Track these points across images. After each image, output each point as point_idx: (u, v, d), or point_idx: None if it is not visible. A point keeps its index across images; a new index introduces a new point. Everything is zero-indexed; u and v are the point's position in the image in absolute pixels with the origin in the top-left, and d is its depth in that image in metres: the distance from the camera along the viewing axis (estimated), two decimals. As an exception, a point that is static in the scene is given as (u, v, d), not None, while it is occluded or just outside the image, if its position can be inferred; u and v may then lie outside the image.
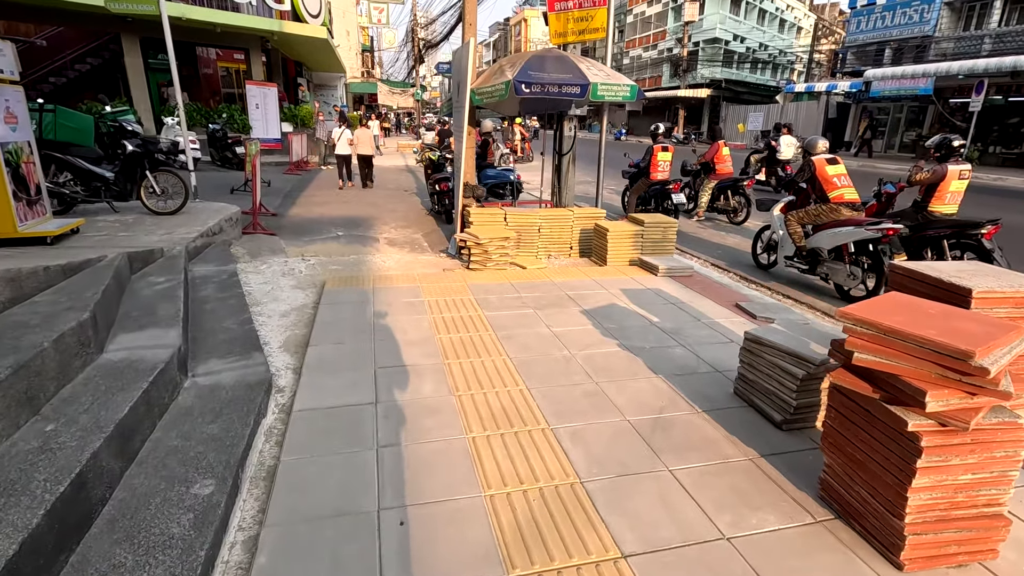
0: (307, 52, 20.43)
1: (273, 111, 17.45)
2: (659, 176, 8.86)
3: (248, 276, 5.33)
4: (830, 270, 5.59)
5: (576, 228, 6.76)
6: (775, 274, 6.54)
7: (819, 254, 5.64)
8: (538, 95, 5.91)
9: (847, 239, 5.34)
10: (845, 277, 5.40)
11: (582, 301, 4.80)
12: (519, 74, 5.89)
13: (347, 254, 6.69)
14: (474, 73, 6.38)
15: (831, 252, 5.58)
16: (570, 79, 5.93)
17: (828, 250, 5.57)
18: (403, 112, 53.67)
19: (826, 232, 5.53)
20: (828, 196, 5.57)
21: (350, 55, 30.84)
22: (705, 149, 11.04)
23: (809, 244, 5.75)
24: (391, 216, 9.63)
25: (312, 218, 9.14)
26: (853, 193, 5.59)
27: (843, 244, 5.41)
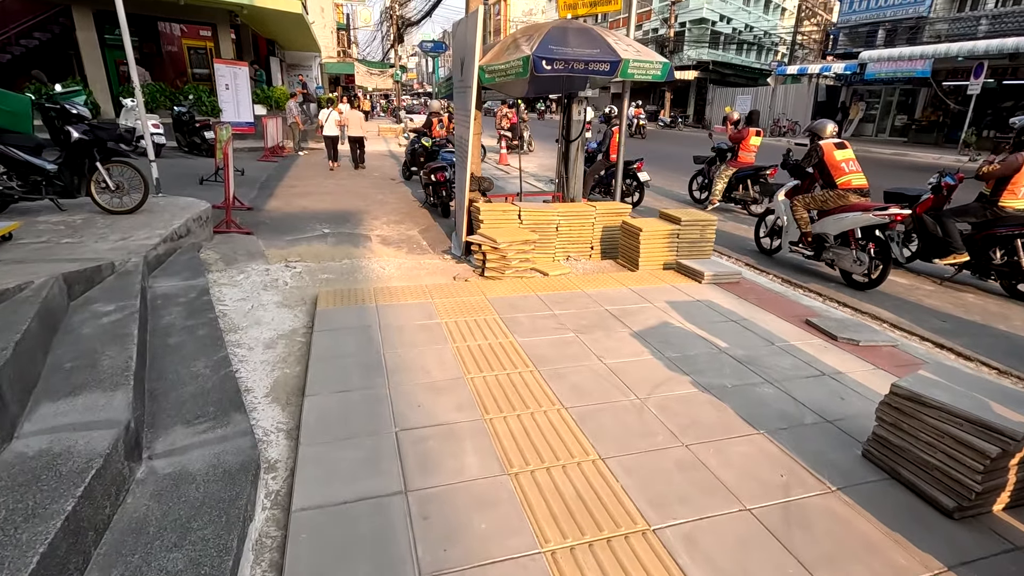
0: (280, 29, 19.08)
1: (245, 92, 16.21)
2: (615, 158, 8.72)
3: (223, 290, 4.45)
4: (836, 256, 5.49)
5: (598, 226, 5.99)
6: (779, 259, 6.43)
7: (825, 240, 5.55)
8: (560, 73, 5.08)
9: (854, 225, 5.24)
10: (851, 263, 5.32)
11: (627, 319, 4.04)
12: (539, 48, 5.04)
13: (338, 257, 5.81)
14: (481, 48, 5.50)
15: (837, 238, 5.49)
16: (597, 54, 5.10)
17: (834, 236, 5.48)
18: (380, 94, 51.98)
19: (832, 218, 5.42)
20: (836, 182, 5.42)
21: (325, 33, 29.28)
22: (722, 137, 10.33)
23: (815, 230, 5.67)
24: (381, 209, 8.72)
25: (293, 212, 8.19)
26: (861, 179, 5.45)
27: (849, 230, 5.31)
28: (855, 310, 4.75)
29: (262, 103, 17.08)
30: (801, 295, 5.01)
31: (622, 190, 8.94)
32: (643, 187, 9.23)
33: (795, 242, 5.99)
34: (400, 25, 30.14)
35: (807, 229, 5.75)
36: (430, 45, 19.28)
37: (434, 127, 11.55)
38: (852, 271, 5.39)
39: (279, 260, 5.57)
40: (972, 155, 18.14)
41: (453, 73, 6.58)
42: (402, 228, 7.60)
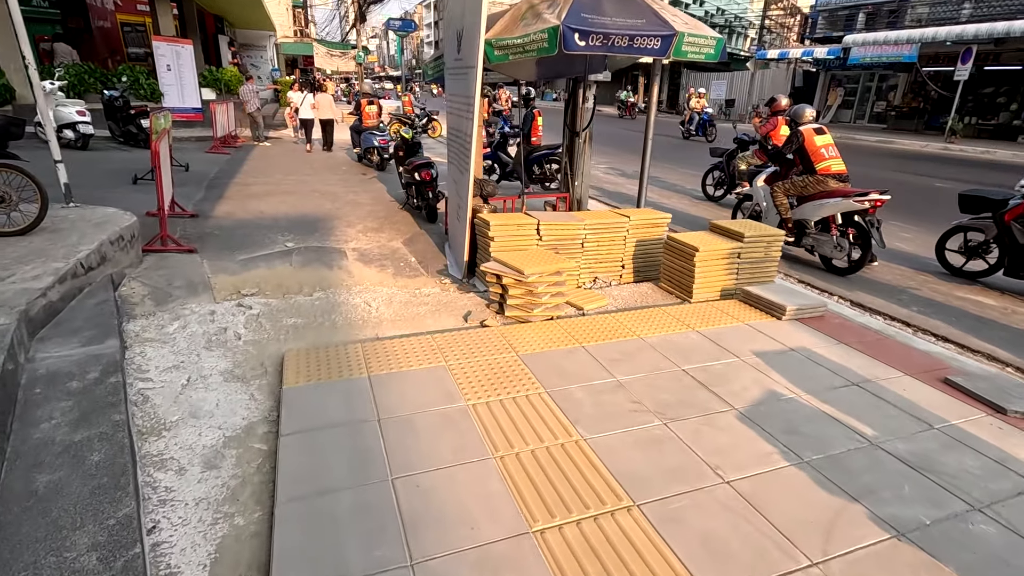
0: (229, 2, 17.17)
1: (190, 74, 14.38)
2: (538, 142, 9.01)
3: (147, 352, 3.16)
4: (816, 242, 5.52)
5: (631, 240, 4.89)
6: None
7: (805, 226, 5.56)
8: (596, 51, 3.91)
9: (834, 211, 5.28)
10: (832, 249, 5.35)
11: (719, 386, 2.96)
12: (570, 17, 3.85)
13: (308, 287, 4.54)
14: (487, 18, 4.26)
15: (818, 224, 5.51)
16: (644, 26, 3.94)
17: (815, 222, 5.49)
18: (340, 77, 49.65)
19: (812, 204, 5.43)
20: (815, 167, 5.45)
21: (280, 10, 27.10)
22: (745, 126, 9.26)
23: (795, 216, 5.67)
24: (355, 213, 7.40)
25: (249, 219, 6.79)
26: (840, 164, 5.46)
27: (830, 216, 5.34)
28: (962, 347, 3.80)
29: (210, 86, 15.29)
30: (900, 329, 4.02)
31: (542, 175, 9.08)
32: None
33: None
34: (362, 3, 28.15)
35: (787, 215, 5.71)
36: (398, 23, 17.73)
37: (363, 110, 11.78)
38: (832, 256, 5.41)
39: (230, 294, 4.26)
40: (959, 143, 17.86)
41: (446, 51, 5.32)
42: (383, 238, 6.33)
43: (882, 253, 6.34)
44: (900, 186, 10.25)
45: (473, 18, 4.32)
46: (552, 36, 3.84)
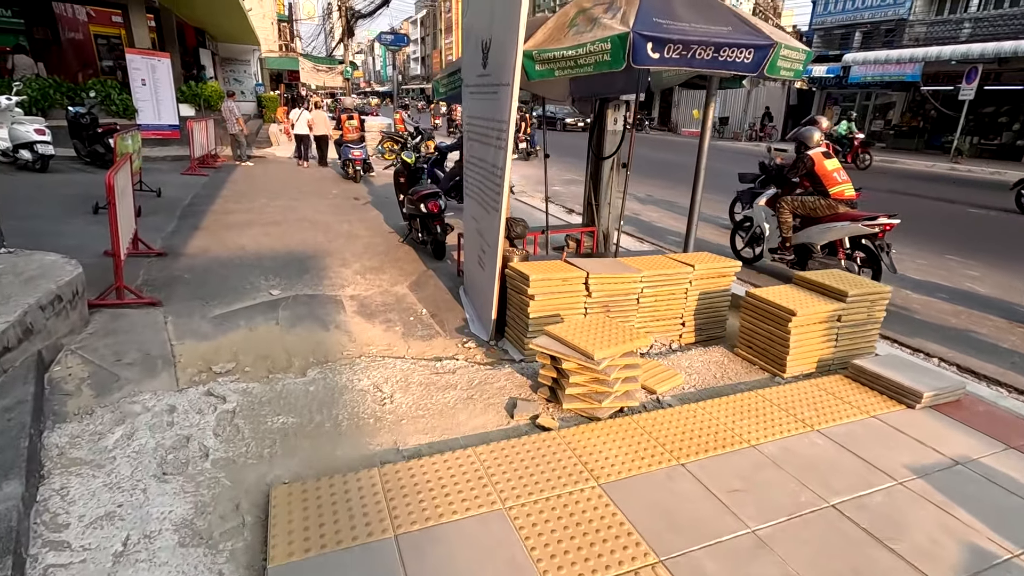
0: (211, 15, 16.25)
1: (167, 89, 13.39)
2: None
3: (68, 491, 2.19)
4: (823, 266, 5.31)
5: (693, 292, 4.03)
6: (760, 268, 6.26)
7: (811, 249, 5.45)
8: (672, 66, 3.07)
9: (842, 234, 5.16)
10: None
11: (897, 539, 2.07)
12: (641, 22, 3.02)
13: (298, 358, 3.60)
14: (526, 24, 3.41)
15: (824, 248, 5.39)
16: (732, 35, 3.12)
17: (821, 245, 5.37)
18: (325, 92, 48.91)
19: (819, 227, 5.32)
20: (828, 191, 5.33)
21: (265, 24, 26.22)
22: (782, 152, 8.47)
23: (797, 239, 5.58)
24: (350, 246, 6.47)
25: (226, 257, 5.82)
26: (851, 189, 5.37)
27: (837, 239, 5.23)
28: None
29: (189, 102, 14.31)
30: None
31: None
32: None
33: (775, 249, 5.80)
34: (349, 18, 27.41)
35: (789, 235, 5.61)
36: (390, 38, 16.94)
37: (343, 124, 12.36)
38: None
39: (198, 372, 3.30)
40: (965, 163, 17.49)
41: (465, 65, 4.47)
42: (384, 281, 5.41)
43: (952, 295, 5.58)
44: (934, 213, 9.59)
45: (507, 25, 3.48)
46: (618, 46, 3.00)
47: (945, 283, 5.99)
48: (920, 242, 7.44)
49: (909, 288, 5.73)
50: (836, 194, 5.33)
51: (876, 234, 5.00)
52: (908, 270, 6.25)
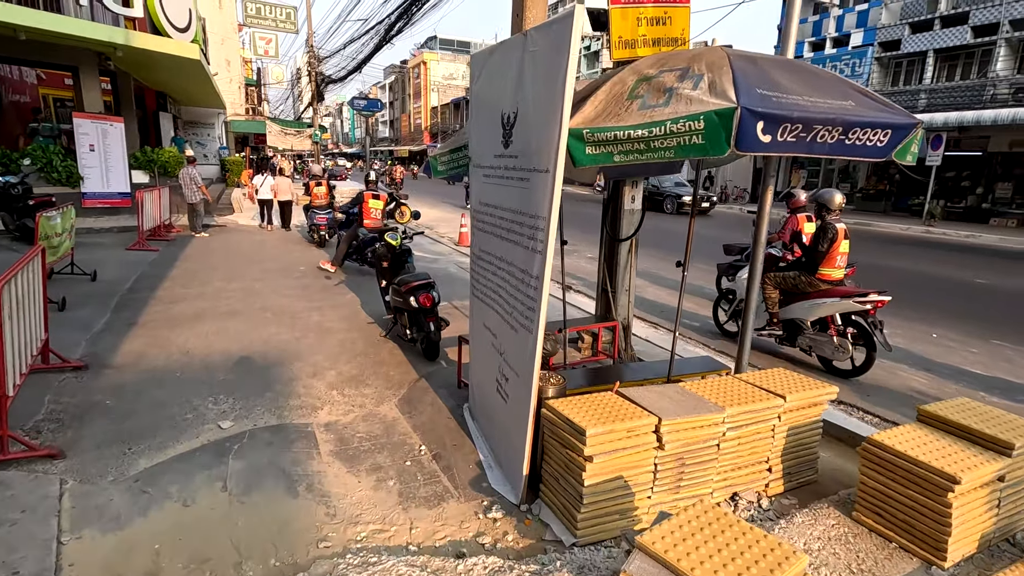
0: (173, 79, 15.43)
1: (118, 155, 12.29)
2: (372, 224, 8.37)
3: None
4: (814, 342, 5.25)
5: (782, 428, 3.11)
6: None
7: (800, 325, 5.33)
8: (787, 148, 2.26)
9: (832, 311, 5.08)
10: (833, 351, 5.07)
11: None
12: (745, 94, 2.22)
13: (250, 560, 2.45)
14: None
15: (815, 324, 5.29)
16: (859, 111, 2.34)
17: (811, 321, 5.27)
18: (292, 155, 48.48)
19: (808, 303, 5.22)
20: (818, 269, 5.19)
21: (232, 88, 25.63)
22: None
23: (786, 314, 5.45)
24: (323, 345, 5.37)
25: (167, 368, 4.64)
26: (841, 272, 5.24)
27: (827, 315, 5.14)
28: None
29: (143, 168, 13.21)
30: None
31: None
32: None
33: (762, 327, 5.65)
34: (319, 83, 27.13)
35: (775, 310, 5.52)
36: (363, 103, 16.41)
37: (312, 191, 11.92)
38: (834, 358, 5.13)
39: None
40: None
41: (476, 140, 3.62)
42: (368, 398, 4.32)
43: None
44: (940, 287, 9.11)
45: (544, 96, 2.66)
46: (717, 126, 2.17)
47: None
48: (953, 322, 6.81)
49: (999, 392, 4.96)
50: (824, 275, 5.17)
51: (867, 311, 4.90)
52: (967, 362, 5.53)
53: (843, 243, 5.16)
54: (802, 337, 5.36)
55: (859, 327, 5.02)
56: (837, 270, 5.21)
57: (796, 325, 5.40)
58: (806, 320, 5.30)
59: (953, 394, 4.81)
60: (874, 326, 4.95)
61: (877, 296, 4.91)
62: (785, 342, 5.52)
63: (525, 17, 3.48)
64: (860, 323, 5.00)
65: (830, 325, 5.16)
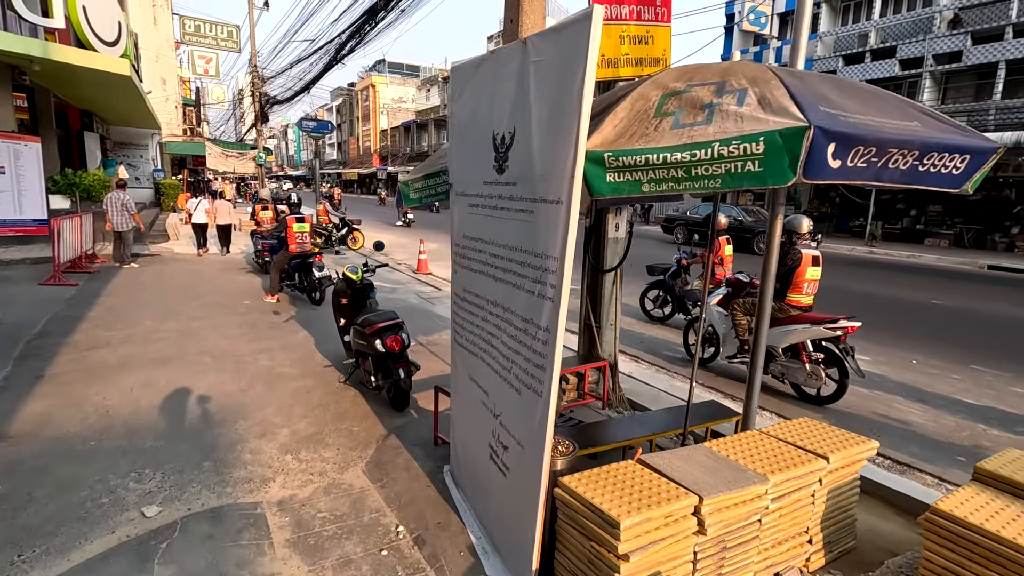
0: (100, 95, 14.23)
1: (33, 178, 11.07)
2: (297, 248, 8.33)
3: None
4: (786, 369, 5.20)
5: (822, 493, 2.72)
6: (714, 369, 6.01)
7: (772, 352, 5.26)
8: (856, 175, 1.89)
9: (803, 337, 5.04)
10: (806, 378, 5.03)
11: None
12: (814, 112, 1.83)
13: None
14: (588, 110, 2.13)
15: (786, 351, 5.23)
16: (931, 136, 2.00)
17: (783, 348, 5.21)
18: (235, 177, 46.45)
19: (780, 329, 5.13)
20: (786, 295, 5.15)
21: (168, 108, 24.19)
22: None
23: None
24: (272, 396, 4.66)
25: (78, 436, 3.82)
26: (810, 299, 5.21)
27: (798, 342, 5.10)
28: None
29: (63, 193, 11.97)
30: None
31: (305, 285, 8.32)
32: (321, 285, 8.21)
33: (733, 355, 5.67)
34: (264, 103, 26.05)
35: (746, 337, 5.43)
36: (312, 124, 15.66)
37: (258, 215, 11.68)
38: (807, 385, 5.08)
39: None
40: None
41: (458, 164, 3.13)
42: (330, 463, 3.68)
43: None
44: (902, 309, 9.22)
45: (552, 112, 2.24)
46: (779, 149, 1.78)
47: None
48: (935, 350, 6.77)
49: (997, 424, 4.78)
50: (793, 301, 5.15)
51: (838, 337, 4.89)
52: (955, 391, 5.40)
53: (811, 269, 5.10)
54: (774, 364, 5.29)
55: (831, 354, 4.98)
56: (806, 296, 5.16)
57: (768, 352, 5.29)
58: (777, 347, 5.24)
59: (952, 427, 4.63)
60: (846, 352, 4.91)
61: (847, 322, 4.90)
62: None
63: (521, 23, 3.05)
64: (832, 349, 4.96)
65: (801, 352, 5.11)
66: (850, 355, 4.91)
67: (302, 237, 8.40)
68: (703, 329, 6.09)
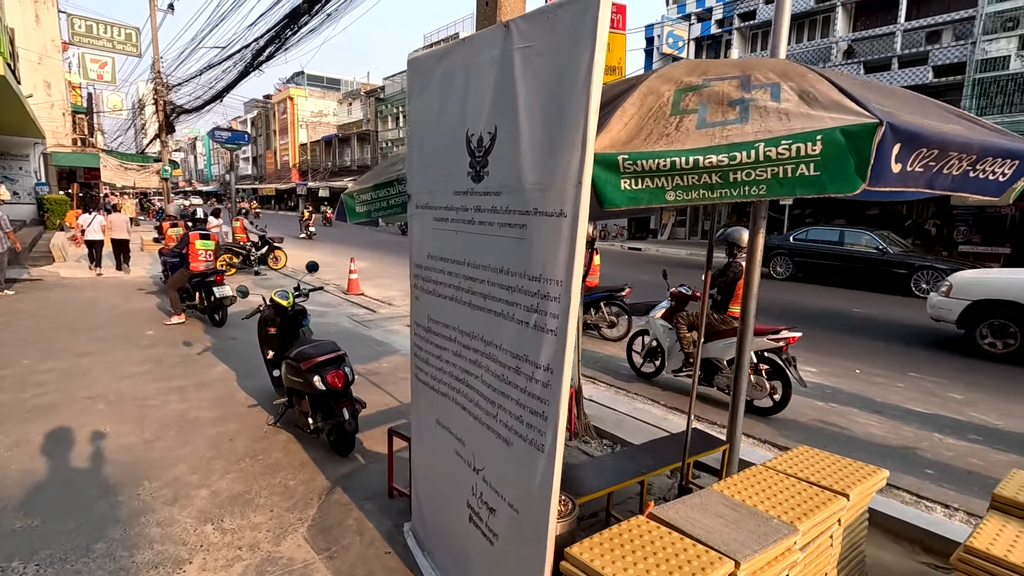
0: (-35, 99, 12.35)
1: None
2: (200, 267, 7.77)
3: None
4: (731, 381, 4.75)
5: (838, 533, 2.47)
6: (659, 383, 5.93)
7: (717, 364, 5.31)
8: (911, 181, 1.64)
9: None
10: (751, 389, 4.95)
11: None
12: (873, 106, 1.56)
13: None
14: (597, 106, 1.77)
15: (731, 362, 5.17)
16: (983, 137, 1.79)
17: (727, 360, 5.22)
18: (136, 192, 42.75)
19: (724, 342, 5.18)
20: (729, 306, 5.20)
21: (54, 115, 21.69)
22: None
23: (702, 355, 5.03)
24: (187, 449, 3.88)
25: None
26: None
27: None
28: None
29: (-84, 209, 10.15)
30: None
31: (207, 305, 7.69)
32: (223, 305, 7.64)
33: (679, 369, 5.60)
34: (169, 112, 24.03)
35: (691, 350, 5.41)
36: (226, 135, 14.44)
37: (166, 233, 11.17)
38: (753, 397, 5.01)
39: None
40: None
41: (422, 174, 2.67)
42: (262, 530, 3.04)
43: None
44: (833, 320, 9.61)
45: (549, 106, 1.88)
46: (845, 149, 1.49)
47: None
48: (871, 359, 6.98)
49: (951, 432, 4.85)
50: (734, 313, 5.18)
51: (781, 347, 4.94)
52: (904, 399, 5.50)
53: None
54: (719, 376, 5.32)
55: (773, 364, 4.99)
56: None
57: (713, 365, 5.35)
58: (723, 359, 5.27)
59: (912, 438, 4.65)
60: (788, 363, 4.96)
61: (788, 332, 4.97)
62: (703, 382, 5.39)
63: (500, 4, 2.63)
64: (774, 360, 4.98)
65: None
66: (792, 365, 4.95)
67: (206, 255, 7.84)
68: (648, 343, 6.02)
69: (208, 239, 7.97)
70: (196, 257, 7.76)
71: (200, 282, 7.80)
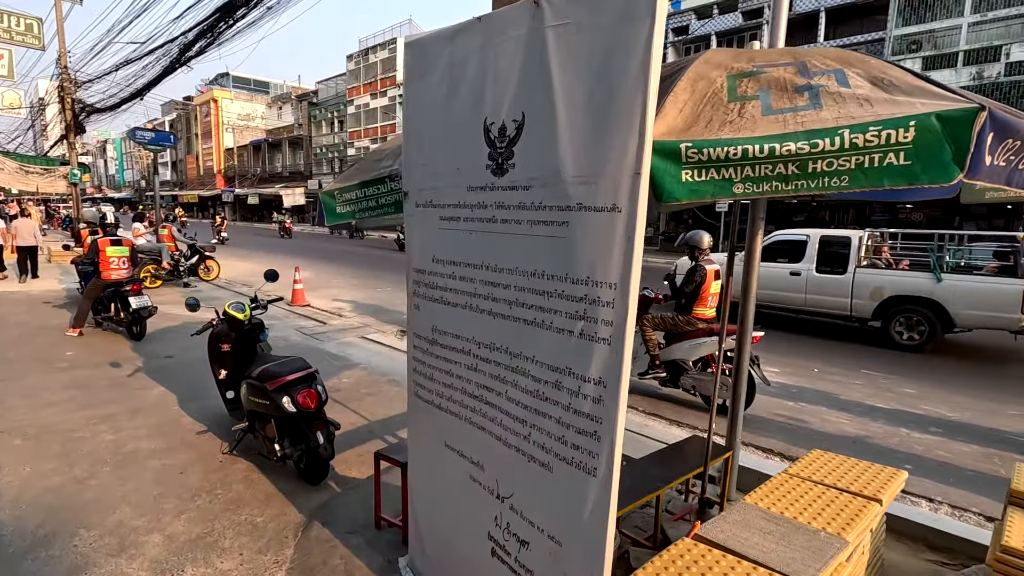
0: None
1: None
2: (112, 275, 7.17)
3: None
4: (697, 382, 5.23)
5: (867, 540, 2.40)
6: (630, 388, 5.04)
7: (682, 365, 5.30)
8: (994, 176, 1.57)
9: (712, 350, 5.14)
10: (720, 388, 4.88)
11: None
12: (962, 95, 1.47)
13: None
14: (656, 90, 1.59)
15: (696, 363, 5.29)
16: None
17: (692, 361, 5.27)
18: (38, 199, 39.20)
19: (689, 343, 5.23)
20: (693, 309, 5.23)
21: (-65, 111, 19.32)
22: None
23: (668, 355, 5.39)
24: (127, 489, 3.36)
25: None
26: (713, 311, 5.31)
27: (708, 355, 5.21)
28: None
29: None
30: None
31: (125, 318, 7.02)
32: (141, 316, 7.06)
33: (644, 372, 5.45)
34: (78, 112, 22.00)
35: (656, 352, 5.38)
36: (149, 135, 13.29)
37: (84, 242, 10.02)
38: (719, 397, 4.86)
39: None
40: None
41: (418, 164, 2.39)
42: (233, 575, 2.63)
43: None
44: (781, 320, 9.99)
45: (594, 89, 1.68)
46: (941, 136, 1.38)
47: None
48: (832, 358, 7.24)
49: (914, 426, 5.03)
50: (699, 314, 5.23)
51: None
52: (865, 396, 5.70)
53: (714, 283, 5.18)
54: (685, 377, 5.32)
55: None
56: (709, 309, 5.27)
57: (678, 366, 5.36)
58: (688, 360, 5.29)
59: (881, 434, 4.78)
60: (751, 362, 4.99)
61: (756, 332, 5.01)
62: (668, 383, 5.43)
63: None
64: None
65: (711, 364, 5.18)
66: (756, 364, 4.97)
67: (118, 263, 7.28)
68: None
69: (121, 245, 7.35)
70: (108, 265, 7.15)
71: (115, 292, 7.12)
